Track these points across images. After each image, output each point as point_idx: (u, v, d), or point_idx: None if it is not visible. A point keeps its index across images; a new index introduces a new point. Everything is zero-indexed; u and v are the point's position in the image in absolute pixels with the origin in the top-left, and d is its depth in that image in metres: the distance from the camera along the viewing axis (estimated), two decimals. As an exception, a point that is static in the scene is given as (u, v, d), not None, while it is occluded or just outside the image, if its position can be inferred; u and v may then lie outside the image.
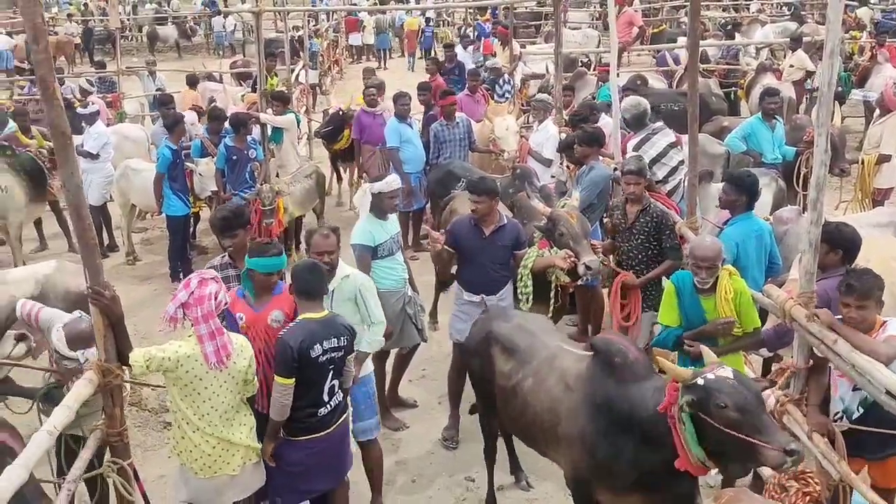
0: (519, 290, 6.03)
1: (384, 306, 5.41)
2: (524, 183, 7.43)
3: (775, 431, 3.56)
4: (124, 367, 4.23)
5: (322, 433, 4.52)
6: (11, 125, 10.56)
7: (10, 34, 24.43)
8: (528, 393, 4.60)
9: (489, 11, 21.21)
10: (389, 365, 6.44)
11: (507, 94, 12.31)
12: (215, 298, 4.28)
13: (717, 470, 4.00)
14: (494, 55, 14.93)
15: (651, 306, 6.04)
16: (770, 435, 3.50)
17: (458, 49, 15.76)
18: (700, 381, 3.65)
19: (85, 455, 4.19)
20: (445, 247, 6.15)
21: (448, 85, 11.49)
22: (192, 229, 10.08)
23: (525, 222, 6.55)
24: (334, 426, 4.57)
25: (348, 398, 4.86)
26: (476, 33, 17.04)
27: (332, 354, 4.44)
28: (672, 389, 3.76)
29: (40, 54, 3.78)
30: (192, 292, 4.26)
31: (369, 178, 9.04)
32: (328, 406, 4.51)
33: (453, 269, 6.67)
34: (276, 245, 4.86)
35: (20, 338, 4.78)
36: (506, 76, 12.73)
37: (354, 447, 5.14)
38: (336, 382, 4.54)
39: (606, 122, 8.60)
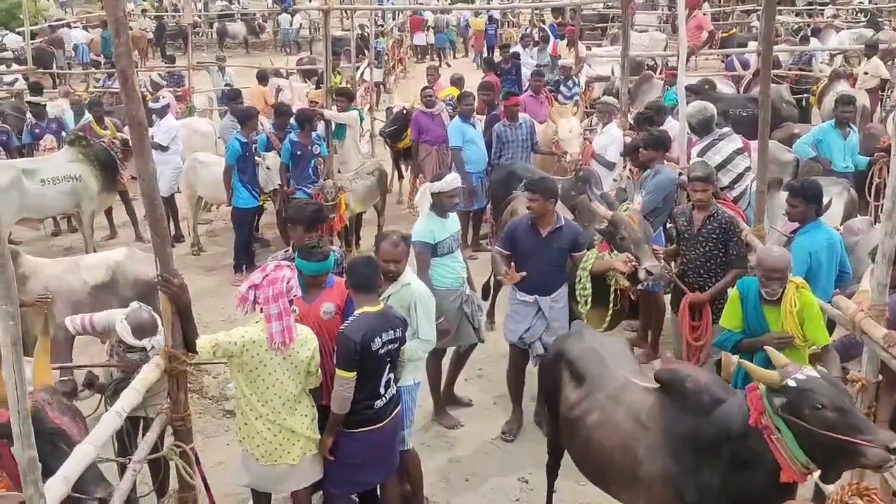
0: (577, 293, 5.99)
1: (442, 304, 5.43)
2: (586, 185, 7.38)
3: (875, 430, 3.38)
4: (190, 354, 4.34)
5: (377, 425, 4.58)
6: (87, 116, 10.92)
7: (86, 28, 25.21)
8: (592, 428, 4.32)
9: (557, 13, 21.09)
10: (446, 363, 6.45)
11: (574, 97, 12.22)
12: (287, 282, 4.36)
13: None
14: (559, 57, 14.85)
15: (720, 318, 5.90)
16: (871, 433, 3.33)
17: (519, 49, 15.71)
18: (791, 383, 3.47)
19: (150, 437, 4.31)
20: (499, 249, 6.13)
21: (504, 86, 11.46)
22: (255, 222, 10.25)
23: (586, 225, 6.51)
24: (388, 419, 4.63)
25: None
26: (542, 34, 16.93)
27: (390, 346, 4.50)
28: (755, 399, 3.60)
29: (121, 47, 3.89)
30: (267, 275, 4.36)
31: (425, 178, 9.15)
32: (384, 398, 4.56)
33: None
34: (324, 249, 4.87)
35: (88, 384, 4.92)
36: (573, 78, 12.66)
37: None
38: (391, 375, 4.60)
39: (672, 126, 8.48)
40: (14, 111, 12.09)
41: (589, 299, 5.94)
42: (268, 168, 9.33)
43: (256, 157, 9.35)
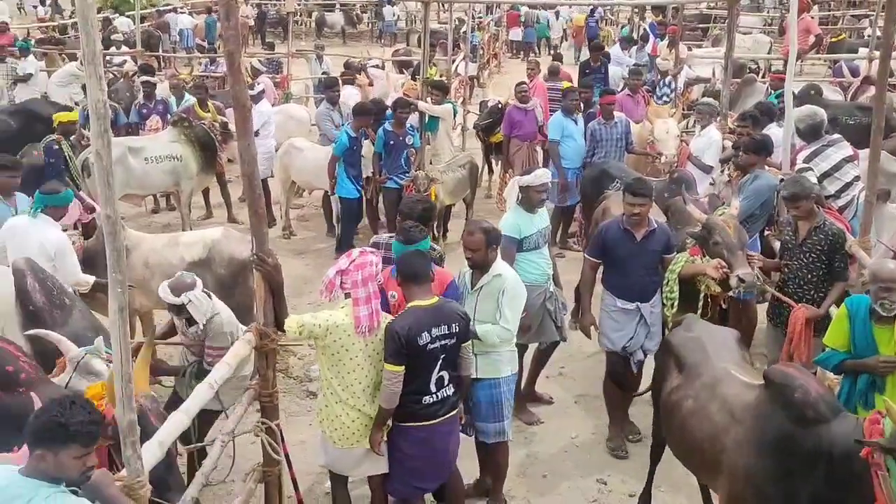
0: (664, 295, 5.88)
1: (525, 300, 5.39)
2: (681, 187, 7.23)
3: None
4: (279, 333, 4.44)
5: (425, 423, 4.52)
6: (190, 99, 11.28)
7: (191, 14, 26.01)
8: (687, 414, 4.44)
9: (658, 11, 20.67)
10: (527, 359, 6.42)
11: (667, 97, 11.98)
12: (374, 266, 4.41)
13: None
14: (657, 56, 14.57)
15: (821, 331, 5.67)
16: None
17: (616, 49, 15.47)
18: None
19: (239, 411, 4.43)
20: (589, 257, 6.03)
21: (593, 85, 11.27)
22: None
23: (678, 228, 6.37)
24: (440, 419, 4.55)
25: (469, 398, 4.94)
26: (641, 32, 16.64)
27: (443, 342, 4.41)
28: (875, 432, 3.51)
29: (230, 30, 4.02)
30: (354, 260, 4.41)
31: (514, 173, 9.09)
32: (434, 396, 4.50)
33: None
34: (421, 232, 4.95)
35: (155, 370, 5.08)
36: (669, 78, 12.41)
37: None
38: (445, 374, 4.50)
39: (775, 131, 8.20)
40: (124, 91, 12.58)
41: (676, 302, 5.81)
42: (361, 156, 9.47)
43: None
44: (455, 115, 11.53)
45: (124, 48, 17.41)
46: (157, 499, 3.45)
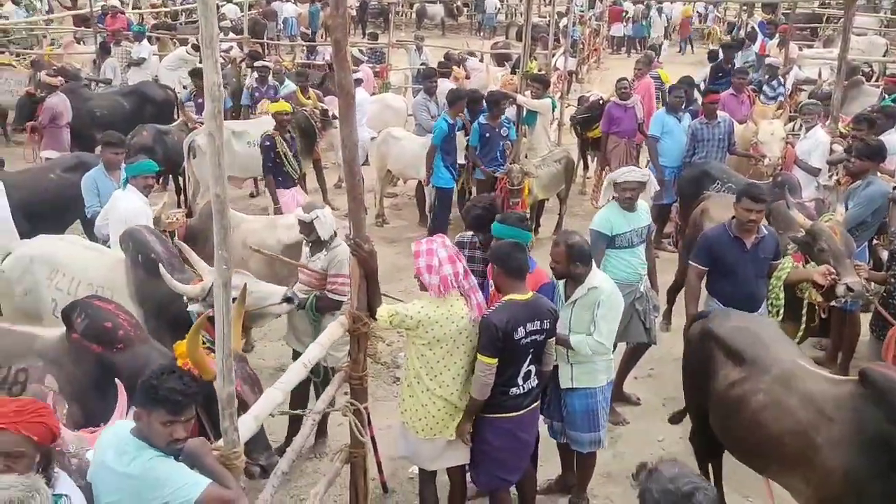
0: (769, 302, 5.69)
1: None
2: (784, 191, 7.01)
3: None
4: (371, 318, 4.51)
5: (511, 414, 4.52)
6: (291, 85, 11.56)
7: (295, 2, 26.58)
8: (759, 409, 4.33)
9: (768, 9, 20.03)
10: (616, 359, 6.32)
11: (779, 97, 11.57)
12: (442, 247, 4.45)
13: None
14: (766, 55, 14.12)
15: None
16: None
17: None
18: None
19: (330, 391, 4.53)
20: (695, 264, 5.85)
21: (720, 87, 10.98)
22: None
23: (781, 233, 6.17)
24: (524, 410, 4.56)
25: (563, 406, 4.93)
26: (749, 30, 16.14)
27: (534, 337, 4.41)
28: None
29: (338, 19, 4.07)
30: (419, 250, 4.48)
31: (611, 170, 8.95)
32: (521, 388, 4.50)
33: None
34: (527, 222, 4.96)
35: (289, 299, 5.21)
36: (779, 78, 12.00)
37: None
38: (532, 368, 4.51)
39: (891, 137, 7.84)
40: (231, 76, 13.00)
41: (781, 310, 5.64)
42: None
43: None
44: (553, 110, 11.43)
45: (231, 35, 17.94)
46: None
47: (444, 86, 11.73)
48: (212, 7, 2.84)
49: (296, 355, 5.67)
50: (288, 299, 5.13)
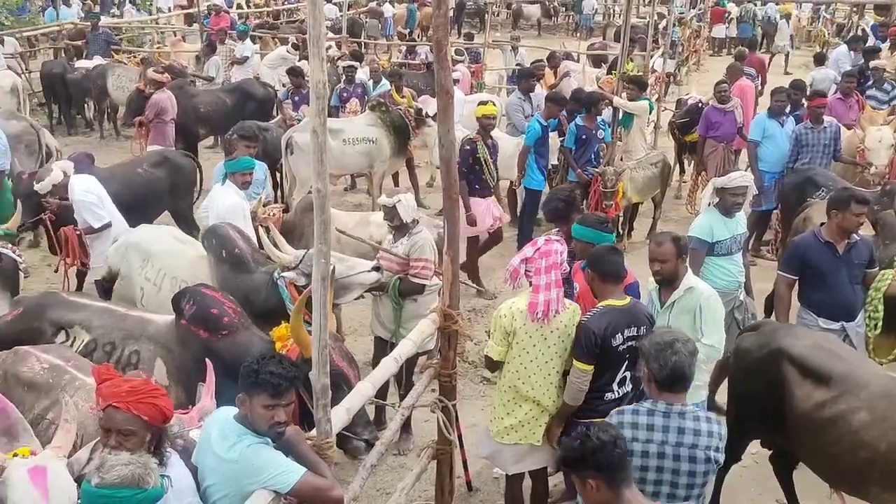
0: (867, 315, 5.47)
1: None
2: (893, 200, 6.72)
3: None
4: (462, 315, 4.53)
5: (603, 419, 4.46)
6: (386, 84, 11.71)
7: (392, 2, 26.91)
8: (861, 428, 4.16)
9: (882, 11, 19.17)
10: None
11: (893, 101, 11.05)
12: (560, 255, 4.40)
13: None
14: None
15: None
16: None
17: (841, 49, 14.49)
18: None
19: (418, 388, 4.58)
20: (784, 274, 5.67)
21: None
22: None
23: (887, 243, 5.94)
24: None
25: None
26: (861, 33, 15.50)
27: (631, 343, 4.34)
28: None
29: (440, 18, 4.12)
30: (539, 248, 4.42)
31: (707, 175, 8.72)
32: (615, 393, 4.44)
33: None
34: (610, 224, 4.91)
35: (377, 268, 5.30)
36: (891, 82, 11.46)
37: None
38: (628, 374, 4.45)
39: None
40: (330, 75, 13.27)
41: (880, 323, 5.43)
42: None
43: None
44: (650, 113, 11.23)
45: (329, 34, 18.29)
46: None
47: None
48: (320, 7, 2.92)
49: (378, 342, 5.83)
50: (376, 268, 5.25)
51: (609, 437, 2.96)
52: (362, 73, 12.72)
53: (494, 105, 8.99)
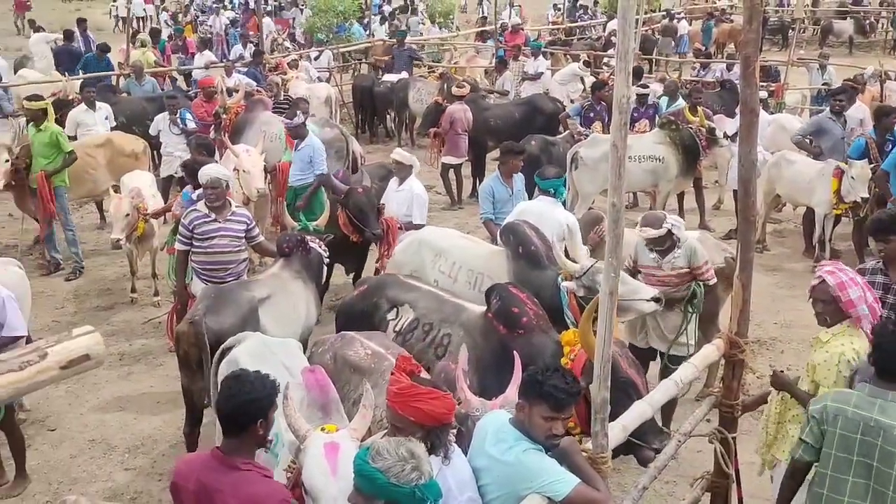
0: None
1: None
2: None
3: None
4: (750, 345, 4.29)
5: None
6: (681, 102, 11.38)
7: (689, 20, 26.16)
8: None
9: None
10: None
11: None
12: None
13: None
14: None
15: None
16: None
17: None
18: None
19: (698, 414, 4.40)
20: None
21: None
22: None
23: None
24: None
25: None
26: None
27: None
28: None
29: (751, 34, 3.94)
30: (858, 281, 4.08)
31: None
32: None
33: None
34: None
35: (658, 299, 5.22)
36: None
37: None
38: None
39: None
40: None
41: None
42: (852, 178, 8.68)
43: (841, 164, 8.77)
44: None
45: (611, 51, 18.21)
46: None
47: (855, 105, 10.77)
48: (630, 21, 2.92)
49: (649, 351, 5.85)
50: (656, 299, 5.24)
51: None
52: (656, 87, 12.47)
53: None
